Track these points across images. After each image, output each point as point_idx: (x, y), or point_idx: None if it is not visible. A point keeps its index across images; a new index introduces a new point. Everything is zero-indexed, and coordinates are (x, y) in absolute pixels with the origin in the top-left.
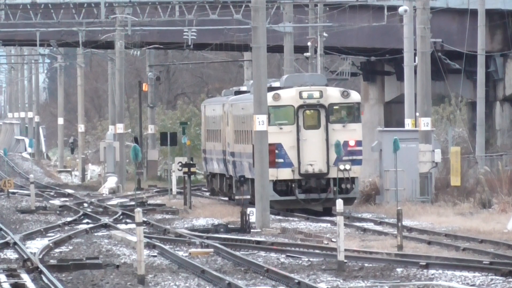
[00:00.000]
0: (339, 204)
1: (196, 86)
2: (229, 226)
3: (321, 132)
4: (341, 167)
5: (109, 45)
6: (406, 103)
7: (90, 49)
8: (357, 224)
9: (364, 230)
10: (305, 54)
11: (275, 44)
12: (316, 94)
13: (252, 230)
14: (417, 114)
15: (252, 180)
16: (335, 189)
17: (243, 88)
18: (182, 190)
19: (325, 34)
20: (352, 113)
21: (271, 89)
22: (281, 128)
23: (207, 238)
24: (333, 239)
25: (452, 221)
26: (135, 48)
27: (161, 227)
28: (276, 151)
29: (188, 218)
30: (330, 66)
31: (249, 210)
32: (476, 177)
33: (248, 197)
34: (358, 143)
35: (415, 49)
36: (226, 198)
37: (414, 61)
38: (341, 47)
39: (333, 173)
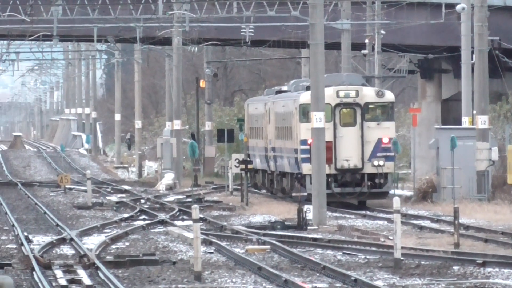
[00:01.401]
0: (396, 201)
1: (253, 82)
2: (285, 223)
3: (357, 129)
4: (375, 163)
5: (167, 41)
6: (463, 101)
7: (147, 45)
8: (414, 221)
9: (421, 227)
10: (362, 51)
11: (333, 41)
12: (353, 94)
13: (308, 227)
14: (474, 112)
15: (291, 174)
16: (369, 183)
17: (284, 88)
18: (239, 187)
19: (382, 32)
20: (386, 111)
21: (309, 88)
22: None
23: (264, 235)
24: (389, 237)
25: (509, 219)
26: (192, 45)
27: (218, 224)
28: None
29: (244, 215)
30: (387, 64)
31: (306, 207)
32: None
33: (305, 194)
34: (392, 140)
35: (472, 47)
36: (269, 193)
37: (472, 59)
38: (399, 44)
39: (368, 169)
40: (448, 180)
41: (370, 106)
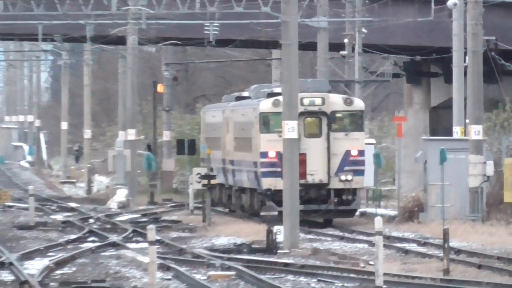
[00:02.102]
0: (378, 222)
1: (218, 87)
2: (253, 246)
3: (323, 140)
4: (343, 177)
5: (121, 40)
6: (454, 109)
7: (99, 45)
8: (398, 244)
9: (406, 251)
10: (341, 52)
11: (308, 41)
12: (318, 101)
13: (279, 251)
14: (467, 121)
15: (251, 190)
16: (335, 200)
17: (245, 94)
18: (200, 205)
19: (364, 30)
20: (355, 121)
21: (271, 94)
22: (280, 136)
23: (228, 259)
24: (370, 262)
25: (505, 242)
26: (149, 44)
27: (177, 247)
28: (275, 160)
29: (207, 236)
30: (369, 66)
31: (276, 228)
32: None
33: (276, 213)
34: (361, 152)
35: (465, 48)
36: (226, 209)
37: (464, 61)
38: (382, 45)
39: (334, 184)
40: (437, 198)
41: (337, 115)
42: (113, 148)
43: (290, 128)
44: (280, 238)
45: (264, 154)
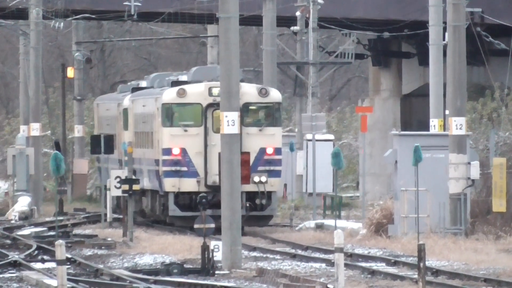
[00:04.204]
0: (339, 236)
1: (142, 71)
2: (185, 265)
3: None
4: (256, 179)
5: (21, 14)
6: (431, 97)
7: None
8: (363, 264)
9: (373, 272)
10: (292, 28)
11: (251, 14)
12: None
13: (217, 272)
14: (447, 112)
15: (152, 192)
16: (247, 204)
17: (143, 84)
18: (120, 216)
19: (320, 1)
20: (271, 114)
21: (176, 83)
22: (185, 131)
23: (155, 282)
24: (329, 285)
25: (494, 260)
26: (57, 19)
27: (92, 267)
28: (179, 158)
29: (129, 254)
30: (326, 45)
31: (213, 244)
32: None
33: (213, 225)
34: (278, 150)
35: (444, 22)
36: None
37: (444, 39)
38: (342, 18)
39: (246, 186)
40: (410, 207)
41: (250, 107)
42: (13, 146)
43: (231, 121)
44: (218, 256)
45: (167, 151)
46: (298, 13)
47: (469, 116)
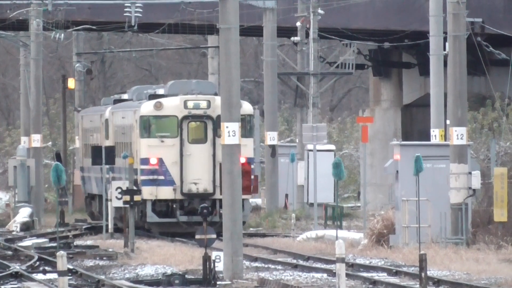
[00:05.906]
0: (340, 246)
1: (142, 82)
2: (187, 276)
3: (208, 147)
4: None
5: (22, 25)
6: (432, 107)
7: None
8: (364, 274)
9: (374, 282)
10: (292, 38)
11: (252, 24)
12: (203, 104)
13: (218, 283)
14: (448, 122)
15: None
16: (221, 211)
17: (125, 96)
18: (121, 227)
19: (320, 11)
20: (243, 126)
21: (153, 96)
22: (162, 141)
23: None
24: None
25: (495, 270)
26: (57, 30)
27: (93, 278)
28: (156, 167)
29: (130, 265)
30: (327, 56)
31: (215, 254)
32: None
33: (214, 236)
34: (250, 160)
35: (445, 33)
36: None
37: (444, 49)
38: (343, 28)
39: (220, 194)
40: (411, 217)
41: None
42: (14, 157)
43: (231, 132)
44: (219, 266)
45: (144, 161)
46: (298, 24)
47: (470, 126)
